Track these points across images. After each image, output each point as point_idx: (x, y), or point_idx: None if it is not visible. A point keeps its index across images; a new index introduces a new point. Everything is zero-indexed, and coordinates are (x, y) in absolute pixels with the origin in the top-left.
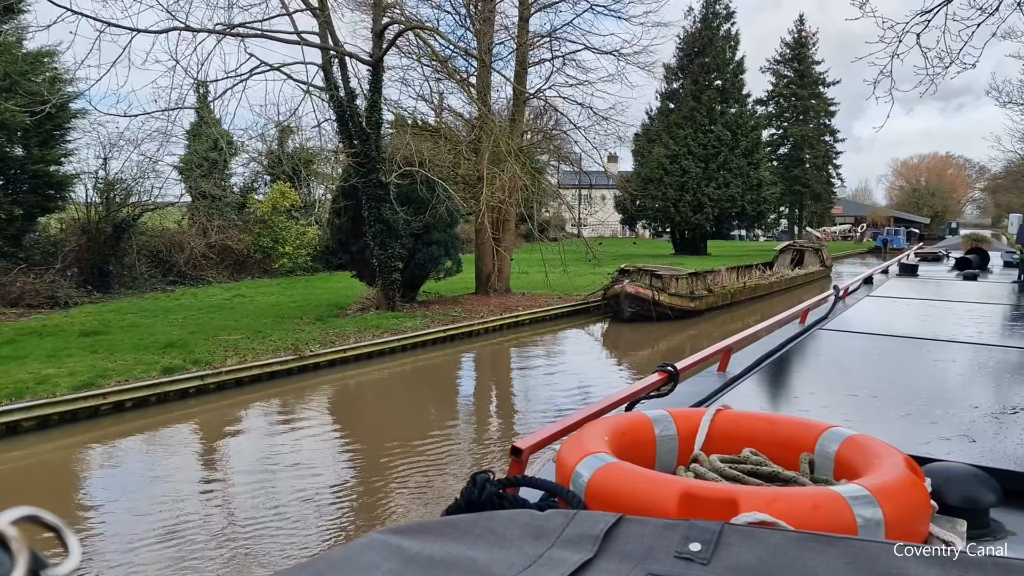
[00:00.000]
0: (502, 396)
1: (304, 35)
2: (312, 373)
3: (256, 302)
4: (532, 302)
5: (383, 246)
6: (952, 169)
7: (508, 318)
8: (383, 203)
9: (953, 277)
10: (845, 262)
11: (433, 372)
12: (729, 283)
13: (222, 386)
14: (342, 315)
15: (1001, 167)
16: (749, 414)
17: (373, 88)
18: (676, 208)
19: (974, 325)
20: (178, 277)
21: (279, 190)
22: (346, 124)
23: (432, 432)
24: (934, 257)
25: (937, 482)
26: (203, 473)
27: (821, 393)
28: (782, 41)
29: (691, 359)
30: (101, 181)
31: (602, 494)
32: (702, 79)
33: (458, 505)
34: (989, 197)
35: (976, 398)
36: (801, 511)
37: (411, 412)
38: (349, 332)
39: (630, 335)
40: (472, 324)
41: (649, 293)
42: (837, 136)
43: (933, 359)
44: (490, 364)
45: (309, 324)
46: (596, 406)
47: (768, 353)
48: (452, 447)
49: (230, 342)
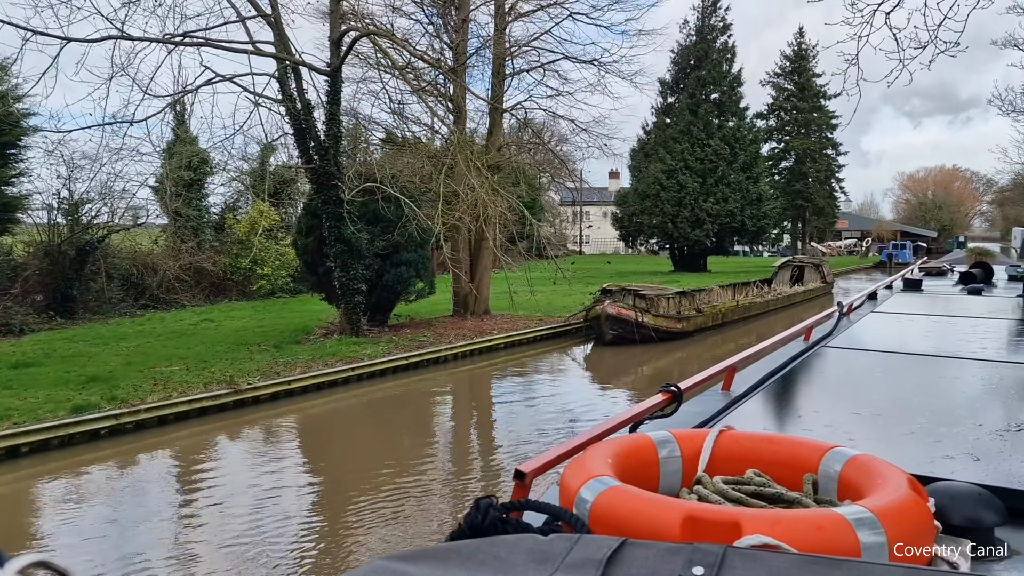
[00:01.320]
0: (458, 435)
1: (259, 44)
2: (251, 408)
3: (223, 327)
4: (510, 325)
5: (344, 268)
6: (959, 182)
7: (480, 343)
8: (344, 222)
9: (958, 292)
10: (850, 277)
11: (387, 407)
12: (721, 302)
13: (142, 425)
14: (304, 341)
15: (1008, 179)
16: (752, 435)
17: (331, 100)
18: (674, 224)
19: (979, 341)
20: (150, 301)
21: (258, 209)
22: (304, 138)
23: (369, 480)
24: (938, 271)
25: (941, 501)
26: (66, 538)
27: (825, 412)
28: (782, 54)
29: (694, 379)
30: (65, 201)
31: (606, 518)
32: (699, 93)
33: (461, 530)
34: (997, 210)
35: (981, 416)
36: (804, 533)
37: (349, 455)
38: (300, 361)
39: (612, 359)
40: (439, 350)
41: (632, 314)
42: (840, 149)
43: (938, 376)
44: (452, 396)
45: (263, 352)
46: (599, 428)
47: (772, 371)
48: (392, 502)
49: (165, 374)
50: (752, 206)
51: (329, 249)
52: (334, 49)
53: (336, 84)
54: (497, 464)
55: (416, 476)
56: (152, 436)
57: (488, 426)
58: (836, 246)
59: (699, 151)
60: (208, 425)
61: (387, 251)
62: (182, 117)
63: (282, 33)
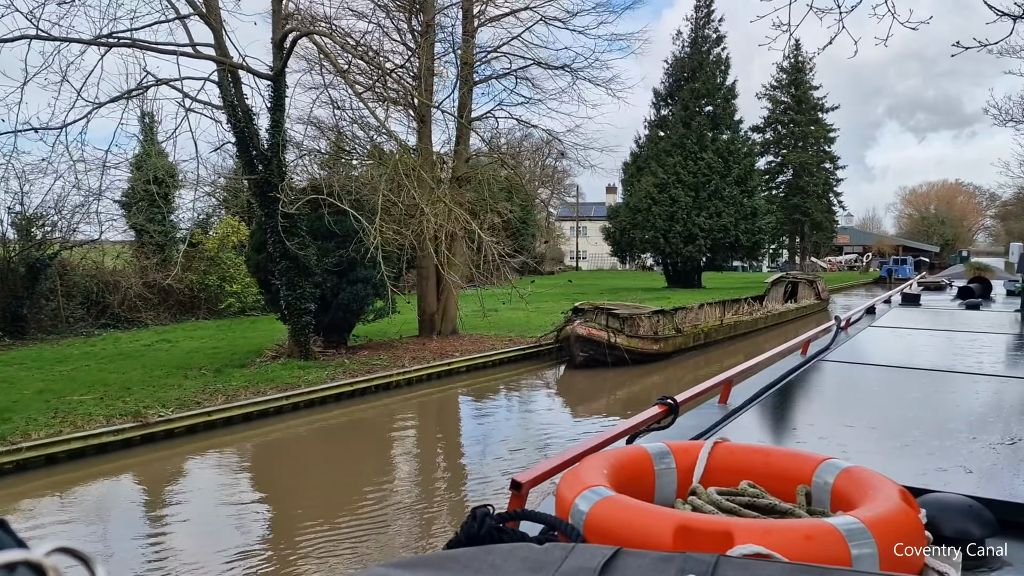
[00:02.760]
0: (392, 479)
1: (199, 47)
2: (163, 443)
3: (177, 348)
4: (477, 346)
5: (291, 285)
6: (962, 197)
7: (437, 367)
8: (290, 236)
9: (956, 306)
10: (851, 293)
11: (318, 443)
12: (704, 321)
13: (24, 465)
14: (251, 365)
15: (1011, 193)
16: (747, 447)
17: (275, 106)
18: (666, 239)
19: (975, 355)
20: (111, 320)
21: (228, 223)
22: (246, 147)
23: (278, 543)
24: (936, 286)
25: (932, 513)
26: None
27: (820, 424)
28: (777, 66)
29: (691, 391)
30: (18, 216)
31: (600, 527)
32: (692, 105)
33: (458, 539)
34: (1001, 224)
35: (976, 429)
36: (795, 543)
37: (257, 505)
38: (231, 388)
39: (583, 384)
40: (390, 375)
41: (604, 335)
42: (837, 163)
43: (934, 390)
44: (395, 431)
45: (199, 377)
46: (596, 439)
47: (769, 384)
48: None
49: (72, 405)
50: (747, 220)
51: (274, 266)
52: (277, 52)
53: (279, 89)
54: (431, 516)
55: (327, 535)
56: (38, 478)
57: (429, 468)
58: (837, 261)
59: (692, 164)
60: (105, 464)
61: (342, 268)
62: (150, 130)
63: (221, 34)
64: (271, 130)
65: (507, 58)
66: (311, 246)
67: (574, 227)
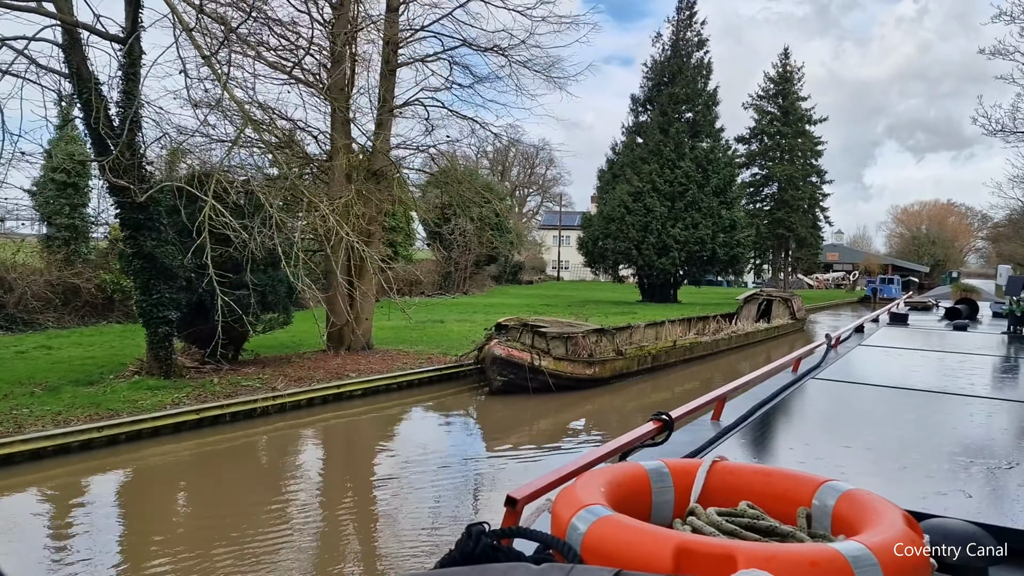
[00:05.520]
0: (189, 549)
1: (44, 4)
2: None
3: (50, 356)
4: (386, 364)
5: (145, 289)
6: (954, 217)
7: (321, 390)
8: (145, 232)
9: (943, 327)
10: (838, 313)
11: (132, 492)
12: (654, 342)
13: None
14: (104, 381)
15: (1003, 215)
16: (745, 466)
17: (128, 76)
18: (639, 250)
19: (966, 376)
20: (4, 322)
21: None
22: (96, 125)
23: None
24: (924, 306)
25: (936, 539)
26: None
27: (816, 444)
28: (765, 76)
29: (685, 408)
30: None
31: (598, 548)
32: (671, 111)
33: (452, 557)
34: (992, 246)
35: (972, 452)
36: (800, 568)
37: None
38: (47, 414)
39: (501, 413)
40: (254, 401)
41: (526, 357)
42: (824, 177)
43: (928, 411)
44: (235, 474)
45: (24, 397)
46: (591, 455)
47: (762, 402)
48: None
49: None
50: (725, 233)
51: (127, 266)
52: (129, 10)
53: (133, 55)
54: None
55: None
56: None
57: (244, 537)
58: (824, 278)
59: (668, 172)
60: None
61: (225, 270)
62: (68, 113)
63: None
64: (122, 103)
65: (439, 39)
66: (171, 243)
67: (557, 236)
